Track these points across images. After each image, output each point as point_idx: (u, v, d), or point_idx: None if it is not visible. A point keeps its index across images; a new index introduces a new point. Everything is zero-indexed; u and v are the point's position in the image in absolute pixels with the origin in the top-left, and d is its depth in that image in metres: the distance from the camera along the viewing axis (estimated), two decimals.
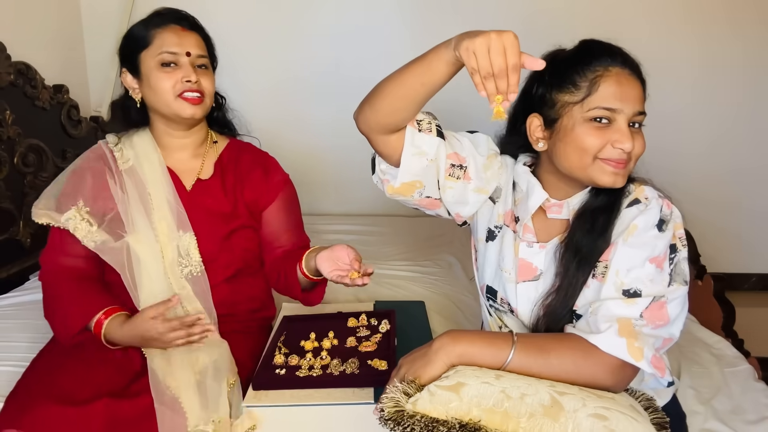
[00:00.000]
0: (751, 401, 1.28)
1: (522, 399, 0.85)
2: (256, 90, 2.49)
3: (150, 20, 1.27)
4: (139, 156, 1.32)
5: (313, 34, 2.51)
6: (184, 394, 1.08)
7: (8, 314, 1.59)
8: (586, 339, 0.91)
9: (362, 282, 1.18)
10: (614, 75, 0.95)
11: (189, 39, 1.26)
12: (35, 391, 1.07)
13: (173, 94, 1.23)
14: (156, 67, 1.24)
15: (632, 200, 1.00)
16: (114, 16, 2.41)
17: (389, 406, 0.88)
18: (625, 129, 0.94)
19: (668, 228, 0.96)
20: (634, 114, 0.96)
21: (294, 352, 1.25)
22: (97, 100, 2.50)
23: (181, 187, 1.33)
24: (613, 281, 0.93)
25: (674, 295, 0.94)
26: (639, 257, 0.93)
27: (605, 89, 0.94)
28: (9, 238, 1.89)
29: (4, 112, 1.85)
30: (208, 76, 1.29)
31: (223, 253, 1.32)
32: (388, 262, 2.02)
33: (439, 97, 1.00)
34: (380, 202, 2.68)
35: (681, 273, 0.96)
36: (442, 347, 0.94)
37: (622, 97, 0.94)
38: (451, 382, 0.89)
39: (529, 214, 1.07)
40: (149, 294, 1.22)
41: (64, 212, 1.25)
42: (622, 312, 0.91)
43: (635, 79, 0.97)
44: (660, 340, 0.93)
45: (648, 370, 0.89)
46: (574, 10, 2.39)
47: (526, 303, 1.08)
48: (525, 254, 1.08)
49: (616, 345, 0.89)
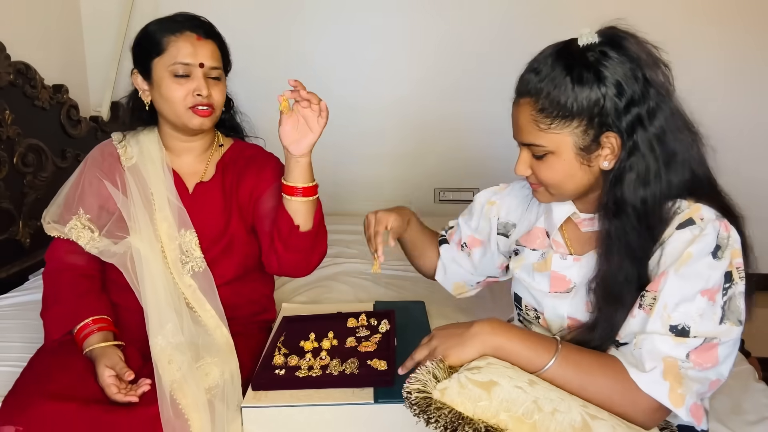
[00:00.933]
0: (751, 401, 1.28)
1: (553, 415, 0.82)
2: (262, 90, 2.48)
3: (166, 25, 1.24)
4: (143, 154, 1.32)
5: (315, 33, 2.51)
6: (194, 414, 1.05)
7: (8, 314, 1.59)
8: (628, 372, 0.86)
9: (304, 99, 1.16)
10: None
11: (204, 49, 1.23)
12: (33, 388, 1.06)
13: (184, 106, 1.23)
14: (168, 76, 1.22)
15: (686, 219, 0.89)
16: (114, 16, 2.41)
17: (416, 389, 0.86)
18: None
19: (725, 255, 0.87)
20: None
21: (293, 353, 1.25)
22: (96, 100, 2.50)
23: (183, 188, 1.33)
24: (660, 315, 0.86)
25: (726, 337, 0.86)
26: (691, 290, 0.85)
27: None
28: (9, 238, 1.89)
29: (4, 112, 1.85)
30: (220, 87, 1.27)
31: (224, 256, 1.32)
32: (388, 262, 2.00)
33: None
34: (380, 203, 2.68)
35: (735, 311, 0.86)
36: (480, 334, 0.92)
37: None
38: (483, 378, 0.86)
39: (555, 229, 1.05)
40: (153, 293, 1.21)
41: (66, 223, 1.28)
42: (669, 351, 0.84)
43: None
44: (707, 383, 0.87)
45: (686, 418, 0.84)
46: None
47: (554, 317, 1.05)
48: (558, 266, 1.04)
49: (659, 389, 0.84)
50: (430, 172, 2.64)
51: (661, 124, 0.90)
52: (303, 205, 1.25)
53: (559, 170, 0.95)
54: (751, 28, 2.38)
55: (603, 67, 0.89)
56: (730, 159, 1.02)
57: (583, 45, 0.91)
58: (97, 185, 1.30)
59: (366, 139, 2.62)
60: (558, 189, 0.98)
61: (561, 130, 0.92)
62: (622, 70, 0.89)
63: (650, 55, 0.91)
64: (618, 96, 0.89)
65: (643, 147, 0.90)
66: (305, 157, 1.21)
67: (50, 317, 1.24)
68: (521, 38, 2.37)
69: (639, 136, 0.90)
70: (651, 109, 0.90)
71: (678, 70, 0.95)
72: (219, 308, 1.26)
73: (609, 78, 0.88)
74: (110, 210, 1.29)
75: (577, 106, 0.90)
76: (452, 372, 0.90)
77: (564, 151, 0.93)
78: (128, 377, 1.11)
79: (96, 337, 1.18)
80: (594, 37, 0.91)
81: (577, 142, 0.92)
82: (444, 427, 0.82)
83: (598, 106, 0.89)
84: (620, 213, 0.92)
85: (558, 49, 0.93)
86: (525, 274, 1.10)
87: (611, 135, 0.91)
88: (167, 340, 1.15)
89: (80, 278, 1.28)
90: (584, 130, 0.91)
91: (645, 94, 0.89)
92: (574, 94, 0.89)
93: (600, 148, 0.92)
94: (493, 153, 2.50)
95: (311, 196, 1.25)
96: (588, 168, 0.94)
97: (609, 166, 0.93)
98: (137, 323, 1.20)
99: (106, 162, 1.33)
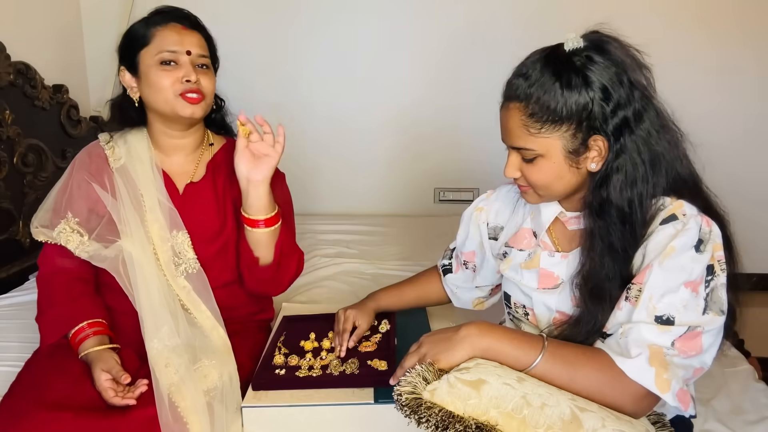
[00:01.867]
0: (751, 401, 1.28)
1: (542, 409, 0.84)
2: (256, 87, 2.49)
3: (150, 18, 1.25)
4: (132, 154, 1.30)
5: (315, 33, 2.51)
6: (193, 417, 1.04)
7: (8, 314, 1.59)
8: (614, 361, 0.88)
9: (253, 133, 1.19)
10: None
11: (190, 38, 1.24)
12: (29, 396, 1.05)
13: (173, 93, 1.21)
14: (155, 65, 1.21)
15: (668, 215, 0.92)
16: (114, 16, 2.41)
17: (406, 391, 0.87)
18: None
19: (707, 249, 0.89)
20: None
21: (294, 353, 1.25)
22: (96, 100, 2.50)
23: (174, 189, 1.31)
24: (645, 306, 0.89)
25: (710, 326, 0.88)
26: (674, 282, 0.88)
27: None
28: (9, 238, 1.89)
29: (4, 112, 1.85)
30: (209, 76, 1.26)
31: (218, 257, 1.31)
32: (388, 262, 2.02)
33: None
34: (380, 202, 2.69)
35: (717, 301, 0.89)
36: (468, 337, 0.94)
37: None
38: (472, 377, 0.87)
39: (543, 229, 1.07)
40: (147, 296, 1.19)
41: (55, 227, 1.25)
42: (654, 339, 0.87)
43: None
44: (691, 370, 0.89)
45: (672, 403, 0.86)
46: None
47: (544, 312, 1.08)
48: (546, 264, 1.06)
49: (645, 375, 0.86)
50: (429, 173, 2.64)
51: (647, 127, 0.93)
52: (264, 236, 1.23)
53: (548, 172, 0.97)
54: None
55: (590, 71, 0.90)
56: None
57: (570, 50, 0.92)
58: (85, 188, 1.28)
59: (366, 139, 2.62)
60: (547, 190, 1.00)
61: (551, 134, 0.93)
62: (607, 75, 0.91)
63: (633, 59, 0.94)
64: (604, 100, 0.91)
65: (630, 149, 0.92)
66: (264, 183, 1.20)
67: (45, 321, 1.23)
68: (521, 39, 2.38)
69: (626, 139, 0.92)
70: (637, 111, 0.92)
71: (662, 71, 0.97)
72: (215, 309, 1.25)
73: (596, 82, 0.90)
74: (100, 213, 1.27)
75: (567, 110, 0.91)
76: (442, 375, 0.91)
77: (553, 154, 0.95)
78: (125, 380, 1.10)
79: (91, 341, 1.17)
80: (579, 42, 0.92)
81: (566, 145, 0.94)
82: (435, 426, 0.84)
83: (587, 111, 0.91)
84: (604, 213, 0.94)
85: (546, 54, 0.95)
86: (513, 273, 1.12)
87: (598, 138, 0.93)
88: (163, 343, 1.14)
89: (74, 282, 1.27)
90: (573, 134, 0.93)
91: (630, 97, 0.92)
92: (564, 98, 0.91)
93: (588, 151, 0.94)
94: (493, 153, 2.49)
95: (273, 225, 1.23)
96: (576, 170, 0.96)
97: (596, 167, 0.95)
98: (132, 326, 1.18)
99: (94, 164, 1.31)
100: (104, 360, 1.13)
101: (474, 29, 2.46)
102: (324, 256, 2.04)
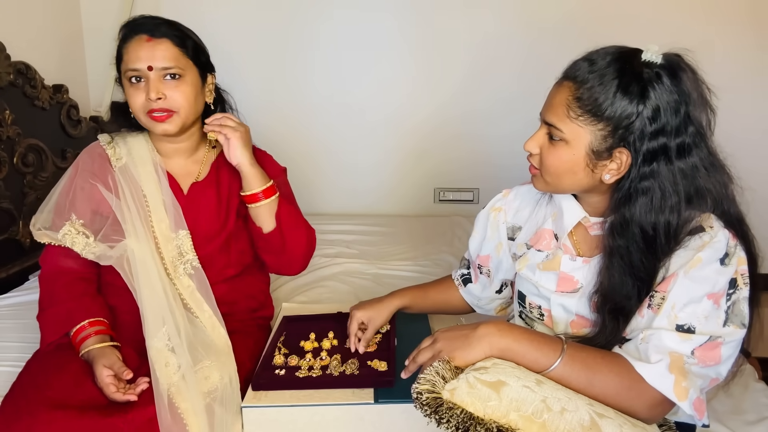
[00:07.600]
0: (751, 401, 1.28)
1: (562, 414, 0.83)
2: (255, 88, 2.49)
3: (124, 30, 1.23)
4: (133, 155, 1.30)
5: (315, 33, 2.51)
6: (193, 419, 1.04)
7: (8, 314, 1.59)
8: (633, 367, 0.88)
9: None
10: None
11: (153, 51, 1.19)
12: (30, 396, 1.05)
13: (143, 112, 1.21)
14: (127, 83, 1.22)
15: (697, 227, 0.92)
16: (114, 16, 2.40)
17: (425, 389, 0.86)
18: None
19: (731, 262, 0.90)
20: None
21: (294, 353, 1.25)
22: (96, 100, 2.50)
23: (178, 190, 1.32)
24: (667, 314, 0.89)
25: (730, 338, 0.89)
26: (698, 292, 0.88)
27: None
28: (9, 238, 1.89)
29: (4, 112, 1.85)
30: (181, 88, 1.21)
31: (220, 254, 1.32)
32: (388, 262, 2.02)
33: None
34: (380, 202, 2.69)
35: (739, 314, 0.90)
36: (486, 336, 0.93)
37: None
38: (492, 378, 0.87)
39: (565, 233, 1.06)
40: (150, 294, 1.20)
41: (59, 229, 1.25)
42: (675, 346, 0.87)
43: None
44: (707, 380, 0.89)
45: (689, 411, 0.86)
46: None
47: (562, 314, 1.07)
48: (567, 267, 1.05)
49: (664, 381, 0.86)
50: (430, 173, 2.64)
51: (695, 162, 0.92)
52: (264, 208, 1.27)
53: (564, 161, 0.96)
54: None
55: (652, 88, 0.90)
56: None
57: (645, 60, 0.91)
58: (89, 189, 1.28)
59: (366, 139, 2.62)
60: (555, 179, 0.99)
61: (585, 125, 0.93)
62: (666, 99, 0.90)
63: (701, 96, 0.93)
64: (651, 120, 0.90)
65: (663, 176, 0.91)
66: (245, 165, 1.25)
67: (46, 320, 1.23)
68: (522, 42, 2.38)
69: (660, 165, 0.91)
70: (684, 144, 0.91)
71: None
72: (215, 309, 1.25)
73: (651, 100, 0.90)
74: (104, 214, 1.27)
75: (610, 111, 0.91)
76: (458, 373, 0.90)
77: (577, 145, 0.95)
78: (126, 376, 1.10)
79: (93, 339, 1.18)
80: (658, 57, 0.92)
81: (593, 142, 0.94)
82: (456, 427, 0.83)
83: (628, 120, 0.91)
84: (625, 232, 0.94)
85: (620, 51, 0.94)
86: (530, 273, 1.11)
87: (624, 152, 0.92)
88: (164, 342, 1.14)
89: (76, 281, 1.27)
90: (604, 136, 0.93)
91: (680, 129, 0.90)
92: (614, 99, 0.91)
93: (610, 160, 0.94)
94: (493, 153, 2.51)
95: (272, 195, 1.28)
96: (591, 172, 0.96)
97: (610, 180, 0.95)
98: (134, 325, 1.18)
99: (96, 164, 1.30)
100: (106, 356, 1.13)
101: (474, 30, 2.46)
102: (324, 256, 2.03)
